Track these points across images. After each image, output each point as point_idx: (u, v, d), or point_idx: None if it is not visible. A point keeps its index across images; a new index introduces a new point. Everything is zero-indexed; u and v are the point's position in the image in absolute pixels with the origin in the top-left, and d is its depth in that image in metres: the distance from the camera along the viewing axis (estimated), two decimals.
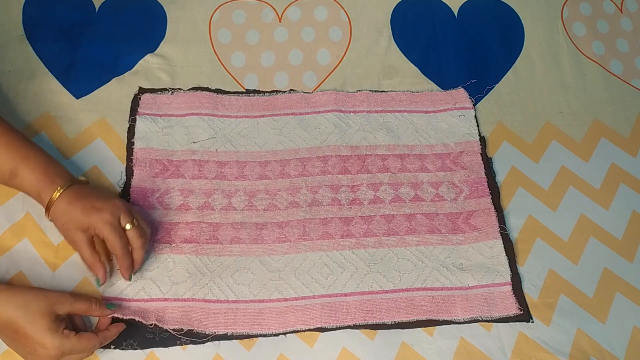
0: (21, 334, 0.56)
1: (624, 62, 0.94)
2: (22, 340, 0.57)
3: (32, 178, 0.62)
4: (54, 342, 0.56)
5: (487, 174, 0.80)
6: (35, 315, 0.56)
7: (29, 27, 0.84)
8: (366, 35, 0.91)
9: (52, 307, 0.57)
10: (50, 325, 0.56)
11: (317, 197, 0.76)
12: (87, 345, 0.59)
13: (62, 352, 0.57)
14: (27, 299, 0.57)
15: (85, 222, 0.61)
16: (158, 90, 0.81)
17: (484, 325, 0.69)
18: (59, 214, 0.62)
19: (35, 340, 0.56)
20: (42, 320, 0.56)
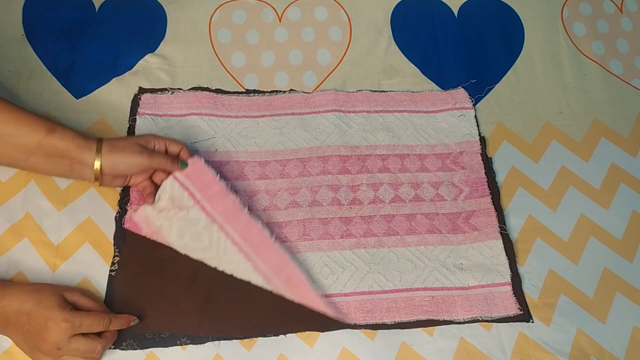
0: (33, 316, 0.58)
1: (624, 62, 0.94)
2: (33, 323, 0.58)
3: (70, 133, 0.65)
4: (64, 314, 0.58)
5: (487, 174, 0.80)
6: (46, 295, 0.60)
7: (29, 27, 0.84)
8: (366, 35, 0.91)
9: (61, 291, 0.61)
10: (60, 303, 0.59)
11: (317, 197, 0.76)
12: (96, 321, 0.60)
13: (72, 324, 0.58)
14: (37, 287, 0.61)
15: (144, 138, 0.68)
16: (158, 90, 0.81)
17: (484, 325, 0.69)
18: (114, 141, 0.66)
19: (46, 317, 0.58)
20: (51, 299, 0.59)
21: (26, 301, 0.59)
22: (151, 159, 0.66)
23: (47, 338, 0.58)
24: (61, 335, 0.58)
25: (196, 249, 0.68)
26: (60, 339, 0.58)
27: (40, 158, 0.64)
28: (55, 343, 0.58)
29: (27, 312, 0.58)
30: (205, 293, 0.67)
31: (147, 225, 0.69)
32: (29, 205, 0.71)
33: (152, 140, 0.68)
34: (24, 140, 0.63)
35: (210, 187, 0.69)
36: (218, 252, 0.67)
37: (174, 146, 0.70)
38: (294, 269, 0.68)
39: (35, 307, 0.58)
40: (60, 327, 0.58)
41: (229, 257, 0.67)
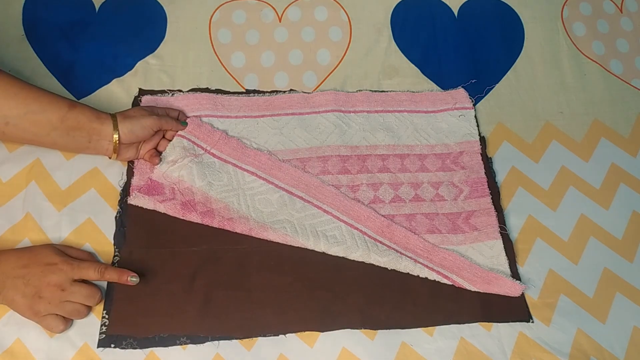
0: (31, 267, 0.61)
1: (624, 62, 0.94)
2: (33, 272, 0.60)
3: (88, 108, 0.70)
4: (62, 258, 0.62)
5: (487, 174, 0.80)
6: (40, 248, 0.64)
7: (29, 27, 0.84)
8: (366, 35, 0.91)
9: (51, 245, 0.65)
10: (55, 249, 0.63)
11: None
12: (92, 266, 0.63)
13: (72, 267, 0.62)
14: (29, 247, 0.65)
15: (147, 107, 0.75)
16: (158, 92, 0.81)
17: (484, 325, 0.69)
18: (125, 111, 0.72)
19: (46, 263, 0.61)
20: (46, 249, 0.63)
21: (21, 257, 0.61)
22: (160, 120, 0.72)
23: (50, 281, 0.60)
24: (62, 276, 0.61)
25: (219, 187, 0.73)
26: (63, 280, 0.61)
27: (61, 132, 0.68)
28: (59, 284, 0.61)
29: (25, 265, 0.61)
30: (205, 293, 0.67)
31: (166, 179, 0.73)
32: (30, 205, 0.71)
33: (154, 108, 0.75)
34: (48, 116, 0.67)
35: (212, 136, 0.77)
36: (239, 185, 0.74)
37: (172, 111, 0.77)
38: (311, 178, 0.76)
39: (33, 258, 0.61)
40: (61, 269, 0.61)
41: (249, 185, 0.74)
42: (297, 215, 0.73)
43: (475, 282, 0.71)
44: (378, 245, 0.72)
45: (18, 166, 0.73)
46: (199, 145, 0.75)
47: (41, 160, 0.74)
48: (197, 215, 0.71)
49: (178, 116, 0.78)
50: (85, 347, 0.63)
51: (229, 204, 0.72)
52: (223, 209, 0.72)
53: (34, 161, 0.74)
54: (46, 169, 0.73)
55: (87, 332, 0.64)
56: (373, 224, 0.73)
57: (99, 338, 0.64)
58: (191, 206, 0.71)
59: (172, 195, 0.72)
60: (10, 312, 0.64)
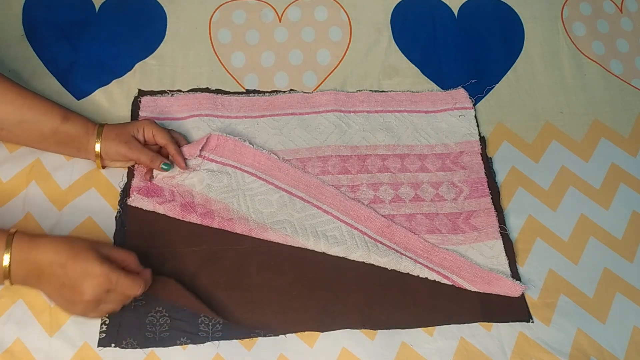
0: (69, 268, 0.57)
1: (624, 62, 0.94)
2: (69, 276, 0.57)
3: (80, 120, 0.70)
4: (102, 268, 0.57)
5: (487, 174, 0.80)
6: (81, 248, 0.58)
7: (29, 27, 0.84)
8: (366, 35, 0.91)
9: (95, 245, 0.60)
10: (97, 256, 0.58)
11: None
12: (133, 282, 0.59)
13: (110, 280, 0.57)
14: (69, 239, 0.60)
15: (135, 126, 0.71)
16: (157, 93, 0.81)
17: (484, 325, 0.69)
18: (111, 129, 0.71)
19: (84, 270, 0.57)
20: (88, 253, 0.58)
21: (60, 252, 0.57)
22: (131, 152, 0.70)
23: (85, 291, 0.57)
24: (98, 289, 0.57)
25: (219, 189, 0.73)
26: (98, 293, 0.58)
27: (52, 142, 0.70)
28: (94, 296, 0.57)
29: (62, 264, 0.57)
30: (205, 293, 0.67)
31: (166, 182, 0.73)
32: (30, 205, 0.71)
33: (141, 129, 0.72)
34: (40, 127, 0.69)
35: (209, 142, 0.75)
36: (238, 186, 0.74)
37: (160, 137, 0.72)
38: (311, 178, 0.76)
39: (72, 259, 0.57)
40: (98, 282, 0.57)
41: (249, 186, 0.74)
42: (297, 215, 0.73)
43: (475, 282, 0.71)
44: (378, 246, 0.72)
45: (18, 166, 0.73)
46: (200, 156, 0.75)
47: (41, 160, 0.74)
48: (196, 217, 0.71)
49: (165, 146, 0.73)
50: (86, 347, 0.63)
51: (228, 205, 0.72)
52: (223, 210, 0.72)
53: (34, 161, 0.74)
54: (47, 169, 0.73)
55: (87, 331, 0.64)
56: (373, 224, 0.73)
57: (99, 337, 0.63)
58: (191, 208, 0.71)
59: (172, 197, 0.72)
60: (10, 311, 0.64)
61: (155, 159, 0.71)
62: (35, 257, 0.57)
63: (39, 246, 0.58)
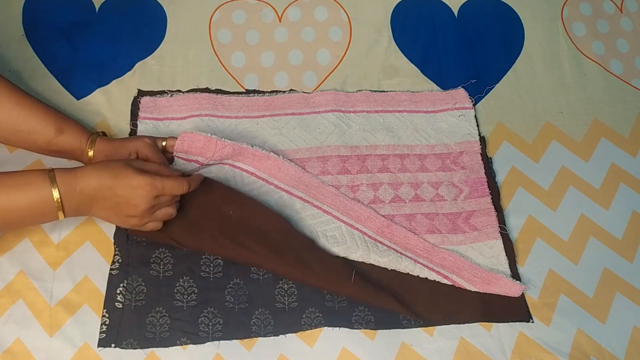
0: (117, 188, 0.60)
1: (624, 62, 0.94)
2: (120, 194, 0.60)
3: (75, 132, 0.70)
4: (144, 179, 0.60)
5: (487, 174, 0.80)
6: (119, 168, 0.61)
7: (29, 27, 0.84)
8: (366, 35, 0.91)
9: (129, 162, 0.63)
10: (135, 169, 0.61)
11: None
12: (176, 183, 0.63)
13: (155, 186, 0.61)
14: (105, 164, 0.62)
15: (128, 148, 0.69)
16: (157, 93, 0.81)
17: (484, 325, 0.69)
18: (102, 148, 0.70)
19: (131, 185, 0.60)
20: (127, 169, 0.61)
21: (103, 177, 0.60)
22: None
23: (138, 203, 0.61)
24: (148, 197, 0.61)
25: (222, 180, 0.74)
26: (150, 200, 0.61)
27: (47, 152, 0.71)
28: (147, 203, 0.61)
29: (109, 187, 0.60)
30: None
31: None
32: None
33: (134, 152, 0.70)
34: (35, 138, 0.69)
35: (208, 147, 0.72)
36: (237, 186, 0.74)
37: (150, 163, 0.68)
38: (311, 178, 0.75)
39: (115, 180, 0.60)
40: (146, 191, 0.60)
41: (249, 187, 0.74)
42: (297, 215, 0.73)
43: (475, 283, 0.71)
44: (378, 246, 0.72)
45: (18, 167, 0.73)
46: (195, 161, 0.73)
47: (42, 160, 0.74)
48: None
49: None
50: (86, 347, 0.63)
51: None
52: None
53: (34, 162, 0.74)
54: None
55: (87, 331, 0.64)
56: (373, 224, 0.73)
57: (99, 337, 0.63)
58: None
59: None
60: (10, 311, 0.64)
61: None
62: (82, 187, 0.60)
63: (81, 176, 0.60)
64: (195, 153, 0.73)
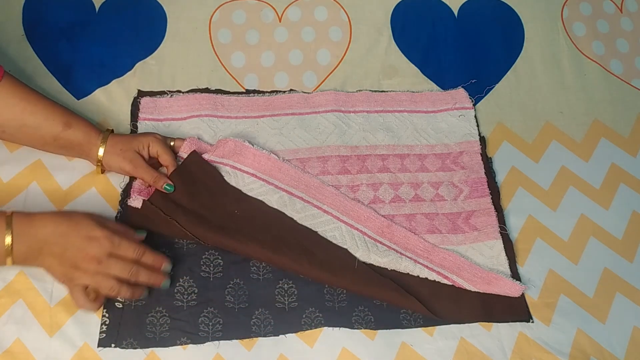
0: (71, 236, 0.59)
1: (624, 62, 0.94)
2: (72, 242, 0.59)
3: (83, 127, 0.70)
4: (104, 231, 0.60)
5: (487, 174, 0.80)
6: (80, 217, 0.61)
7: (29, 27, 0.84)
8: (366, 35, 0.91)
9: (93, 215, 0.62)
10: (97, 221, 0.61)
11: None
12: (132, 246, 0.62)
13: (112, 242, 0.60)
14: (67, 212, 0.62)
15: (141, 142, 0.71)
16: (157, 93, 0.81)
17: (484, 325, 0.69)
18: (116, 142, 0.70)
19: (87, 234, 0.59)
20: (87, 219, 0.61)
21: (60, 223, 0.59)
22: (135, 170, 0.70)
23: (89, 252, 0.59)
24: (102, 251, 0.60)
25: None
26: (101, 254, 0.60)
27: (54, 147, 0.71)
28: (97, 257, 0.59)
29: (64, 234, 0.59)
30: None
31: None
32: (31, 205, 0.71)
33: (147, 146, 0.72)
34: (42, 132, 0.69)
35: (210, 148, 0.75)
36: (237, 185, 0.74)
37: (164, 158, 0.72)
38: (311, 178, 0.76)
39: (72, 228, 0.59)
40: (101, 243, 0.60)
41: (249, 187, 0.74)
42: (297, 215, 0.73)
43: (475, 283, 0.71)
44: (378, 246, 0.72)
45: (19, 166, 0.73)
46: None
47: (42, 160, 0.74)
48: None
49: (168, 166, 0.74)
50: (85, 347, 0.63)
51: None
52: None
53: (35, 161, 0.74)
54: (47, 169, 0.73)
55: (87, 332, 0.64)
56: (373, 224, 0.73)
57: (99, 337, 0.63)
58: None
59: None
60: (10, 311, 0.64)
61: (158, 179, 0.70)
62: (36, 231, 0.59)
63: (38, 221, 0.60)
64: (201, 152, 0.75)
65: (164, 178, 0.71)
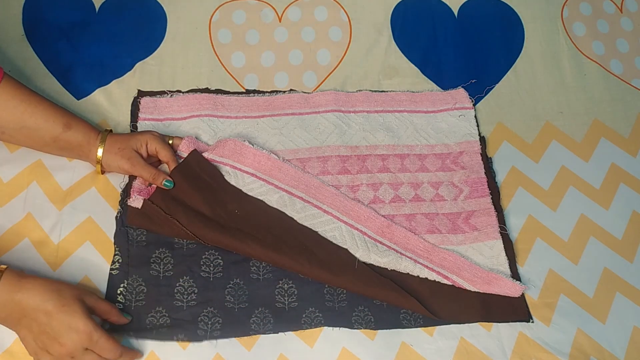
0: (54, 318, 0.57)
1: (624, 62, 0.94)
2: (52, 325, 0.56)
3: (83, 128, 0.70)
4: (87, 325, 0.57)
5: (487, 174, 0.80)
6: (69, 299, 0.58)
7: (29, 27, 0.84)
8: (366, 35, 0.91)
9: (82, 296, 0.60)
10: (84, 310, 0.58)
11: None
12: (112, 347, 0.59)
13: (91, 339, 0.57)
14: (59, 286, 0.59)
15: (139, 140, 0.71)
16: (157, 93, 0.81)
17: (484, 325, 0.69)
18: (114, 141, 0.71)
19: (69, 323, 0.57)
20: (75, 305, 0.58)
21: (47, 300, 0.57)
22: (133, 168, 0.70)
23: (65, 344, 0.57)
24: (78, 345, 0.57)
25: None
26: (77, 349, 0.57)
27: (54, 148, 0.71)
28: (71, 351, 0.57)
29: (48, 313, 0.57)
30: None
31: None
32: (30, 205, 0.71)
33: (145, 144, 0.72)
34: (42, 133, 0.69)
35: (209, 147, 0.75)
36: (237, 185, 0.74)
37: (163, 154, 0.72)
38: (311, 178, 0.76)
39: (58, 309, 0.57)
40: (80, 337, 0.57)
41: (249, 187, 0.74)
42: (297, 215, 0.73)
43: (475, 283, 0.71)
44: (378, 246, 0.72)
45: (19, 166, 0.73)
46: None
47: (43, 160, 0.74)
48: None
49: (168, 162, 0.73)
50: None
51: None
52: None
53: (35, 162, 0.74)
54: (48, 169, 0.73)
55: None
56: (373, 224, 0.73)
57: None
58: None
59: None
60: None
61: (157, 176, 0.70)
62: (21, 299, 0.57)
63: (27, 288, 0.57)
64: (199, 151, 0.74)
65: (162, 174, 0.71)
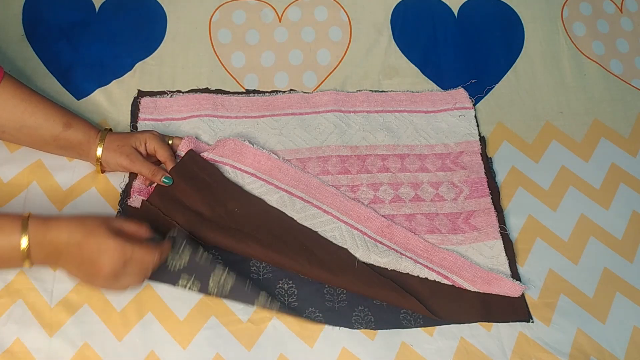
0: (84, 247, 0.58)
1: (624, 62, 0.94)
2: (85, 254, 0.58)
3: (82, 127, 0.71)
4: (116, 243, 0.58)
5: (487, 174, 0.80)
6: (93, 226, 0.59)
7: (29, 27, 0.84)
8: (366, 35, 0.91)
9: (106, 221, 0.60)
10: (109, 231, 0.59)
11: None
12: (147, 251, 0.60)
13: (124, 252, 0.58)
14: (81, 218, 0.60)
15: (138, 138, 0.71)
16: (157, 94, 0.81)
17: (484, 325, 0.69)
18: (114, 139, 0.71)
19: (99, 247, 0.58)
20: (100, 229, 0.59)
21: (74, 232, 0.58)
22: (132, 165, 0.71)
23: (103, 267, 0.58)
24: (115, 263, 0.58)
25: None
26: (116, 267, 0.59)
27: (54, 147, 0.71)
28: (111, 271, 0.59)
29: (78, 244, 0.58)
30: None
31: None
32: (31, 205, 0.71)
33: (143, 142, 0.72)
34: (42, 132, 0.69)
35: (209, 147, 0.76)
36: (237, 180, 0.74)
37: (161, 153, 0.72)
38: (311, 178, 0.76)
39: (86, 238, 0.58)
40: (113, 256, 0.58)
41: (249, 186, 0.74)
42: (297, 215, 0.73)
43: (475, 283, 0.71)
44: (378, 246, 0.72)
45: (19, 166, 0.73)
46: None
47: (43, 160, 0.74)
48: None
49: (166, 161, 0.73)
50: (85, 347, 0.63)
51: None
52: None
53: (35, 162, 0.74)
54: (48, 169, 0.73)
55: (87, 331, 0.64)
56: (373, 224, 0.73)
57: None
58: None
59: None
60: (10, 311, 0.64)
61: (156, 173, 0.71)
62: (52, 239, 0.58)
63: (53, 227, 0.58)
64: (199, 150, 0.75)
65: (162, 171, 0.71)
